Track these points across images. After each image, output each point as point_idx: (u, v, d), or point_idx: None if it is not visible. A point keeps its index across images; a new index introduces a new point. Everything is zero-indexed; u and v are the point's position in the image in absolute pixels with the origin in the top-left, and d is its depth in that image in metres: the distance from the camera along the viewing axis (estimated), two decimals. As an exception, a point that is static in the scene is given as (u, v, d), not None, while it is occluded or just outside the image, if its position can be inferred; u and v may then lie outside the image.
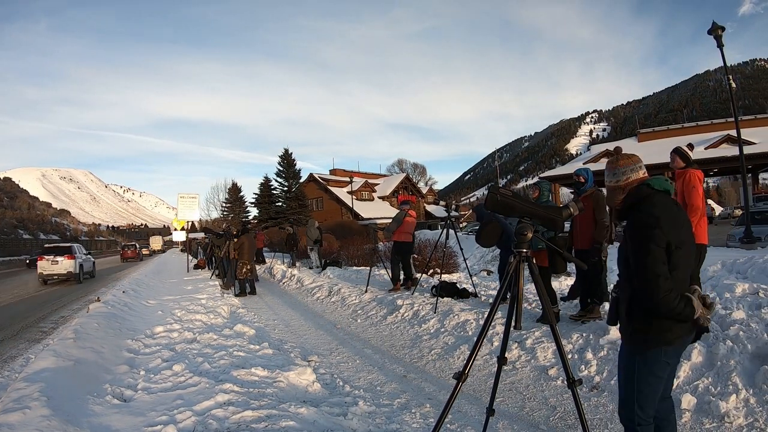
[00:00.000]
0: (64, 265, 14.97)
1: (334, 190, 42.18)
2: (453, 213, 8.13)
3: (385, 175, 53.73)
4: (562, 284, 7.48)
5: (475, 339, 2.22)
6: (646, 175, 1.98)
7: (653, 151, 25.82)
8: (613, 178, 2.01)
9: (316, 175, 44.48)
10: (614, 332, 3.86)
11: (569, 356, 3.79)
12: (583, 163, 27.26)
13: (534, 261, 2.32)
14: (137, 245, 39.22)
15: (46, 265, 14.97)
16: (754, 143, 22.69)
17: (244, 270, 9.71)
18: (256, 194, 38.83)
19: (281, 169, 37.99)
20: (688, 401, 2.89)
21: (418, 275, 7.82)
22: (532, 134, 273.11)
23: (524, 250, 2.25)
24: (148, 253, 40.27)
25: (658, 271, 1.75)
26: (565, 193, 33.98)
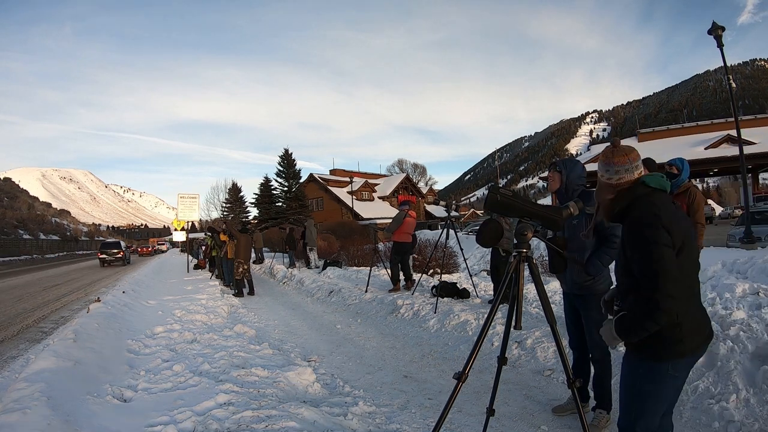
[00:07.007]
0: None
1: (334, 190, 42.14)
2: (453, 213, 8.11)
3: (385, 176, 53.68)
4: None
5: (475, 339, 2.22)
6: (642, 174, 1.74)
7: (653, 151, 25.86)
8: (605, 173, 1.78)
9: (316, 176, 44.43)
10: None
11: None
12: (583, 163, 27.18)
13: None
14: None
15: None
16: (754, 143, 22.69)
17: (240, 270, 9.70)
18: (256, 194, 38.85)
19: (281, 169, 37.96)
20: (688, 401, 2.89)
21: (416, 276, 7.81)
22: (533, 134, 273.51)
23: (524, 250, 2.26)
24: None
25: (669, 275, 1.52)
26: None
